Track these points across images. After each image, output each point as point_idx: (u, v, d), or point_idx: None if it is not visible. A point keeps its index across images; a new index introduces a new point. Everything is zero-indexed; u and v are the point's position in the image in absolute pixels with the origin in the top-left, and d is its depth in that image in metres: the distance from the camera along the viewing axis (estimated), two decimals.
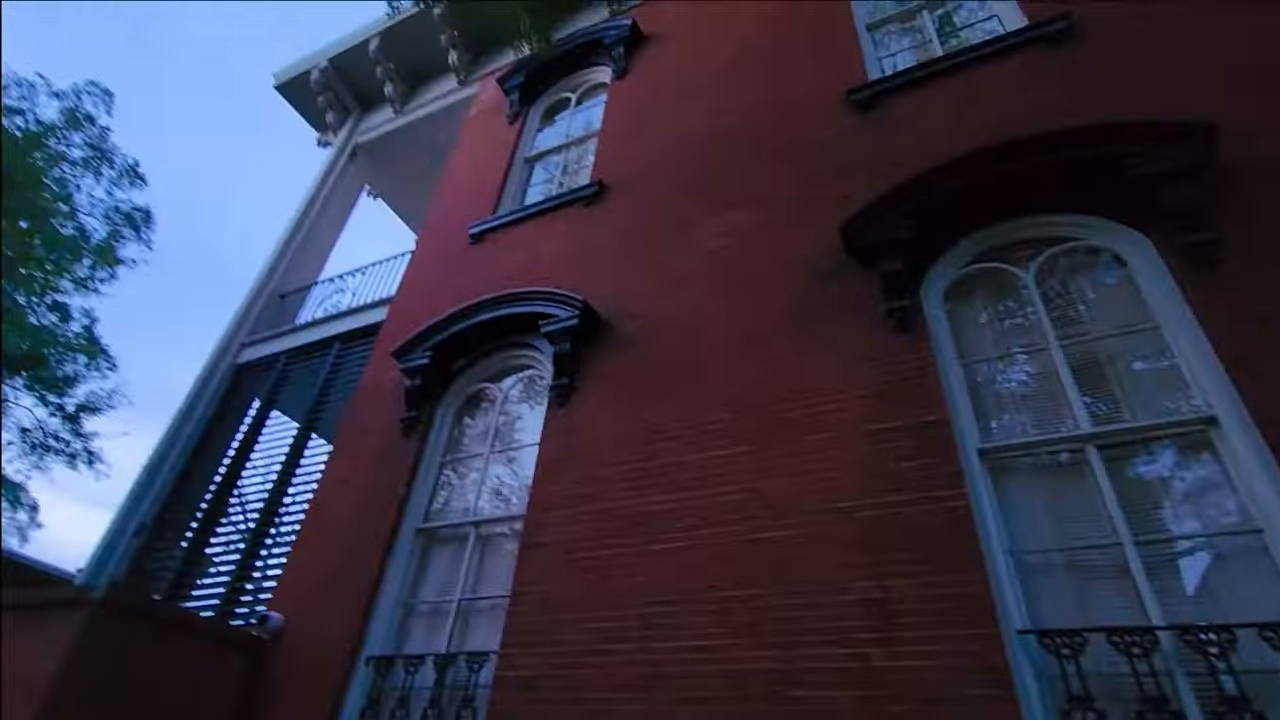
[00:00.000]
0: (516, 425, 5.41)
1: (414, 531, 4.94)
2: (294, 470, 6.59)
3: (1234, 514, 2.93)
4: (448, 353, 5.74)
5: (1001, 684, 2.74)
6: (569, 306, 5.15)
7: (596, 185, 6.38)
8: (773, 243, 4.92)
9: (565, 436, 4.70)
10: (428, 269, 7.14)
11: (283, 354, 7.95)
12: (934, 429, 3.53)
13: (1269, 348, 3.01)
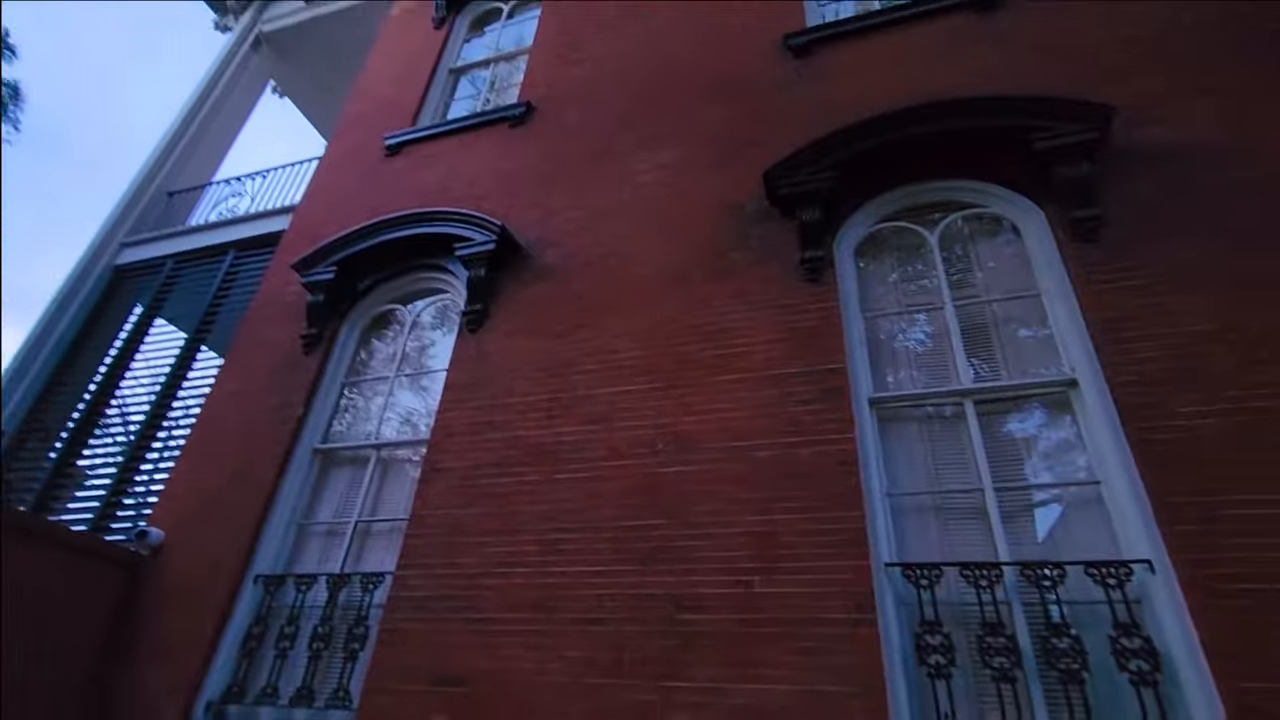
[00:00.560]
0: (425, 350, 5.27)
1: (311, 452, 4.79)
2: (180, 383, 6.19)
3: (1081, 468, 3.27)
4: (355, 269, 5.47)
5: (866, 609, 3.00)
6: (487, 230, 4.98)
7: (524, 106, 6.11)
8: (700, 182, 4.90)
9: (475, 363, 4.63)
10: (337, 178, 6.69)
11: (170, 258, 7.33)
12: (832, 377, 3.70)
13: (1129, 318, 3.30)
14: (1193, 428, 2.94)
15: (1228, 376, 3.00)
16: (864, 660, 2.89)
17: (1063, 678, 2.75)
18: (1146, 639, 2.71)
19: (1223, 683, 2.48)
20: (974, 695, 2.87)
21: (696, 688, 3.02)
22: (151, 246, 7.52)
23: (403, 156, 6.48)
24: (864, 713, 2.79)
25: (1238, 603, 2.56)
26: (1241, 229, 3.36)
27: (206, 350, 6.43)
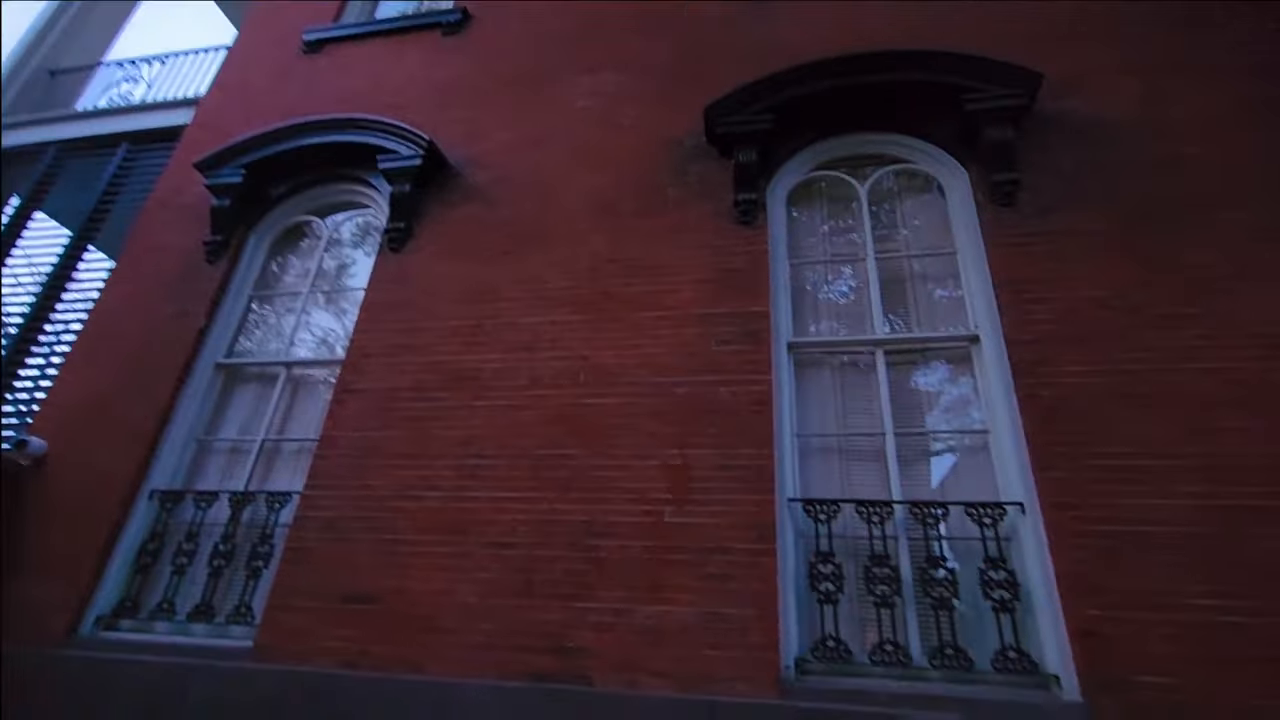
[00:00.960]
0: (344, 268, 5.02)
1: (214, 366, 4.54)
2: (65, 284, 5.68)
3: (974, 418, 3.51)
4: (267, 174, 5.09)
5: (768, 540, 3.17)
6: (413, 144, 4.72)
7: (460, 12, 5.73)
8: (639, 114, 4.78)
9: (396, 284, 4.45)
10: (248, 73, 6.13)
11: (53, 145, 6.60)
12: (755, 320, 3.78)
13: (1031, 281, 3.51)
14: (1074, 385, 3.19)
15: (1110, 341, 3.25)
16: (762, 586, 3.08)
17: (935, 604, 3.01)
18: (1011, 572, 3.00)
19: (1069, 610, 2.79)
20: (857, 619, 3.11)
21: (603, 608, 3.14)
22: (31, 131, 6.74)
23: (324, 56, 5.99)
24: (758, 633, 2.98)
25: (1091, 542, 2.85)
26: (1141, 207, 3.58)
27: (95, 250, 5.89)
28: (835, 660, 2.98)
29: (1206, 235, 3.41)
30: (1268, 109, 3.74)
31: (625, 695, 2.91)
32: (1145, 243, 3.47)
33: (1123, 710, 2.56)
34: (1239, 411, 2.96)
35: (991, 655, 2.88)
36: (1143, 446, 2.99)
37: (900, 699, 2.79)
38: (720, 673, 2.92)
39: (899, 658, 2.94)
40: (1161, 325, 3.22)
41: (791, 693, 2.87)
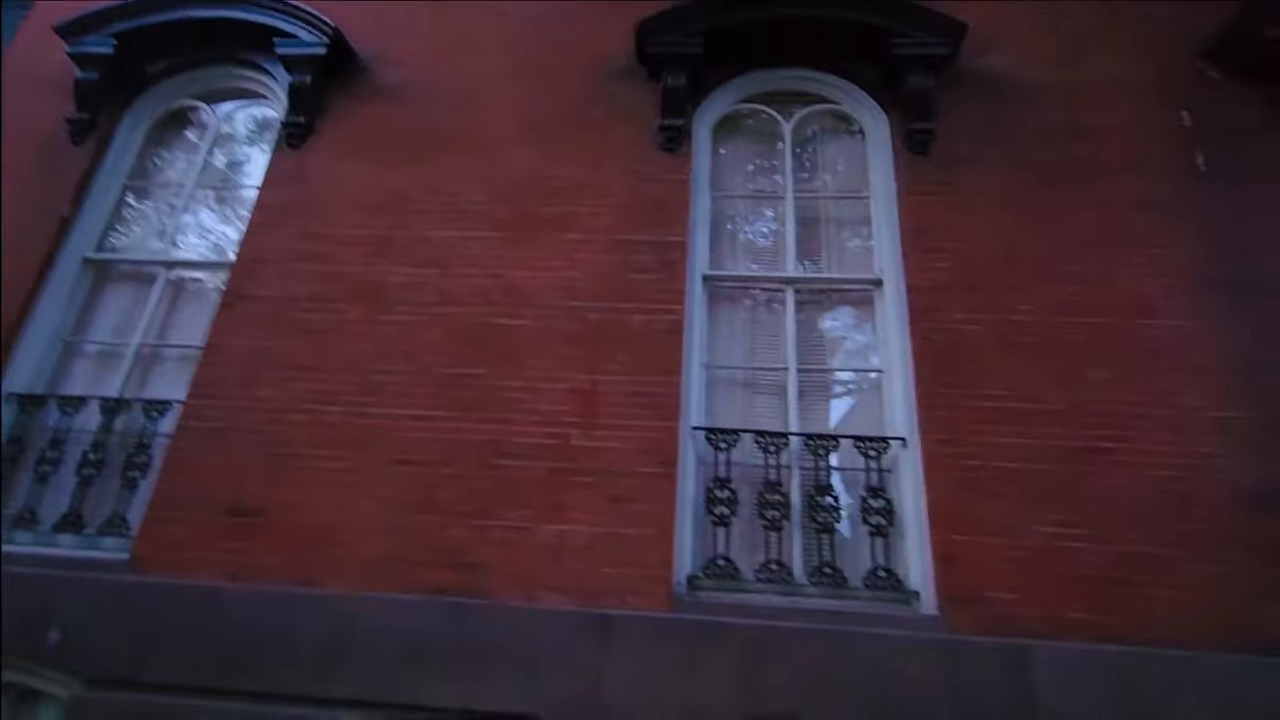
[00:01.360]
0: (235, 163, 4.60)
1: (81, 261, 4.10)
2: None
3: (871, 358, 3.69)
4: (143, 47, 4.52)
5: (669, 465, 3.27)
6: (316, 30, 4.29)
7: None
8: (570, 26, 4.52)
9: (296, 184, 4.13)
10: None
11: None
12: (673, 250, 3.77)
13: (935, 230, 3.66)
14: (963, 332, 3.40)
15: (999, 292, 3.47)
16: (661, 509, 3.19)
17: (819, 529, 3.23)
18: (889, 500, 3.23)
19: (935, 536, 3.06)
20: (747, 541, 3.29)
21: (506, 526, 3.17)
22: None
23: None
24: (655, 552, 3.11)
25: (960, 475, 3.11)
26: (1041, 168, 3.76)
27: None
28: (724, 578, 3.15)
29: (1095, 200, 3.64)
30: (1169, 84, 3.94)
31: (523, 608, 2.99)
32: (1040, 202, 3.66)
33: (970, 620, 2.87)
34: (1099, 364, 3.25)
35: (863, 574, 3.13)
36: (1015, 391, 3.25)
37: (780, 612, 3.00)
38: (616, 588, 3.04)
39: (782, 576, 3.14)
40: (1046, 280, 3.45)
41: (681, 606, 3.03)
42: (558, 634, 2.91)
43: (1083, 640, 2.77)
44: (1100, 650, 2.74)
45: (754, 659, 2.85)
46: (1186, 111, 3.80)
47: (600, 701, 2.81)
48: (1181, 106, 3.82)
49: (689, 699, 2.80)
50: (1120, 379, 3.20)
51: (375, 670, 2.87)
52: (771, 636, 2.90)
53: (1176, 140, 3.75)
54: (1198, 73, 3.91)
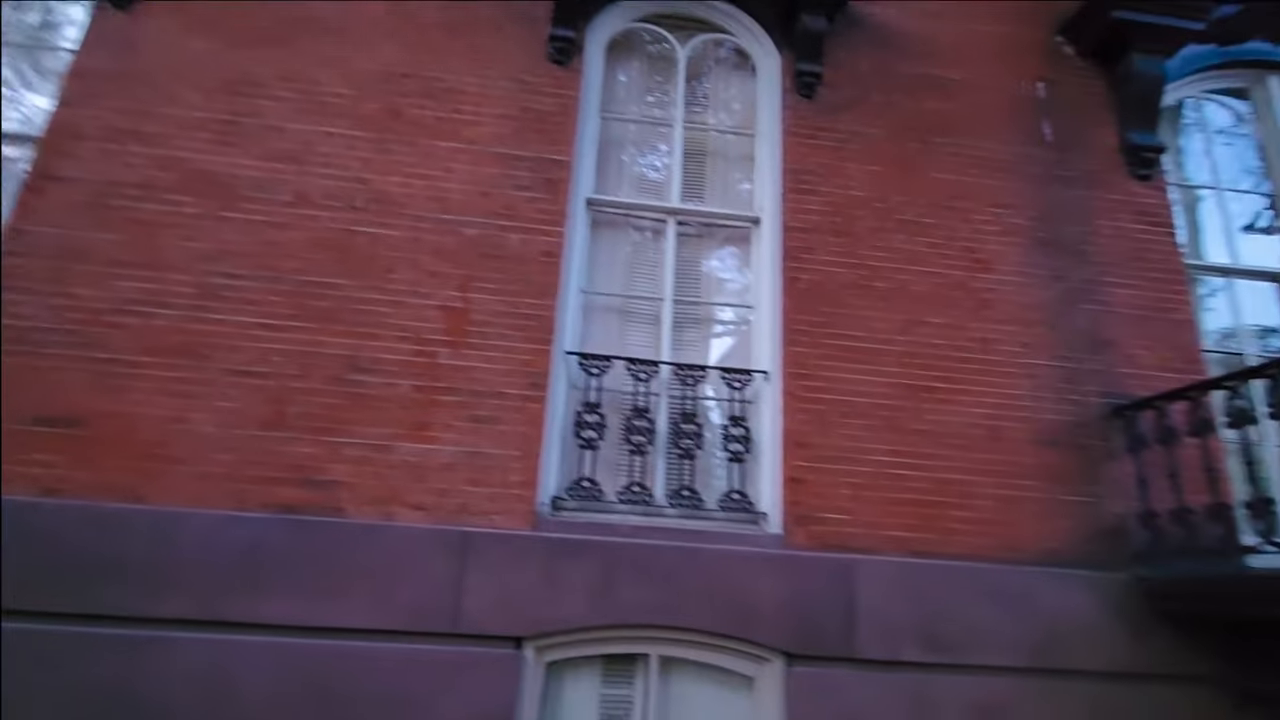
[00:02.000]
0: (51, 24, 3.88)
1: None
2: None
3: (743, 293, 3.81)
4: None
5: (539, 388, 3.26)
6: None
7: None
8: None
9: (122, 51, 3.55)
10: None
11: None
12: (557, 169, 3.64)
13: (812, 173, 3.77)
14: (828, 273, 3.58)
15: (863, 237, 3.66)
16: (528, 430, 3.19)
17: (681, 454, 3.37)
18: (748, 429, 3.43)
19: (786, 461, 3.29)
20: (612, 464, 3.39)
21: (363, 444, 3.06)
22: None
23: None
24: (520, 473, 3.13)
25: (811, 407, 3.34)
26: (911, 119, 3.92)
27: None
28: (588, 499, 3.24)
29: (952, 156, 3.88)
30: (1032, 54, 4.19)
31: (379, 525, 2.93)
32: (906, 153, 3.86)
33: (808, 537, 3.15)
34: (939, 311, 3.55)
35: (719, 497, 3.33)
36: (868, 332, 3.49)
37: (638, 530, 3.14)
38: (478, 507, 3.05)
39: (643, 497, 3.28)
40: (904, 230, 3.69)
41: (544, 525, 3.09)
42: (415, 551, 2.90)
43: (898, 555, 3.13)
44: (910, 563, 3.11)
45: (611, 573, 2.99)
46: (1042, 83, 4.10)
47: (459, 615, 2.85)
48: (1038, 77, 4.11)
49: (547, 610, 2.91)
50: (954, 326, 3.53)
51: (208, 589, 2.74)
52: (629, 552, 3.04)
53: (1030, 108, 4.05)
54: (1055, 47, 4.20)
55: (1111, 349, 3.58)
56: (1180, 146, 4.43)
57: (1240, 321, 4.05)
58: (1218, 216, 4.24)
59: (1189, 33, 3.95)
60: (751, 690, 3.04)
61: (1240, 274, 4.10)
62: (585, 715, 2.98)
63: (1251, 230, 4.24)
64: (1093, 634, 3.04)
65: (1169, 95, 4.18)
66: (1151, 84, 3.94)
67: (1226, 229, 4.20)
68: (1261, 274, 4.11)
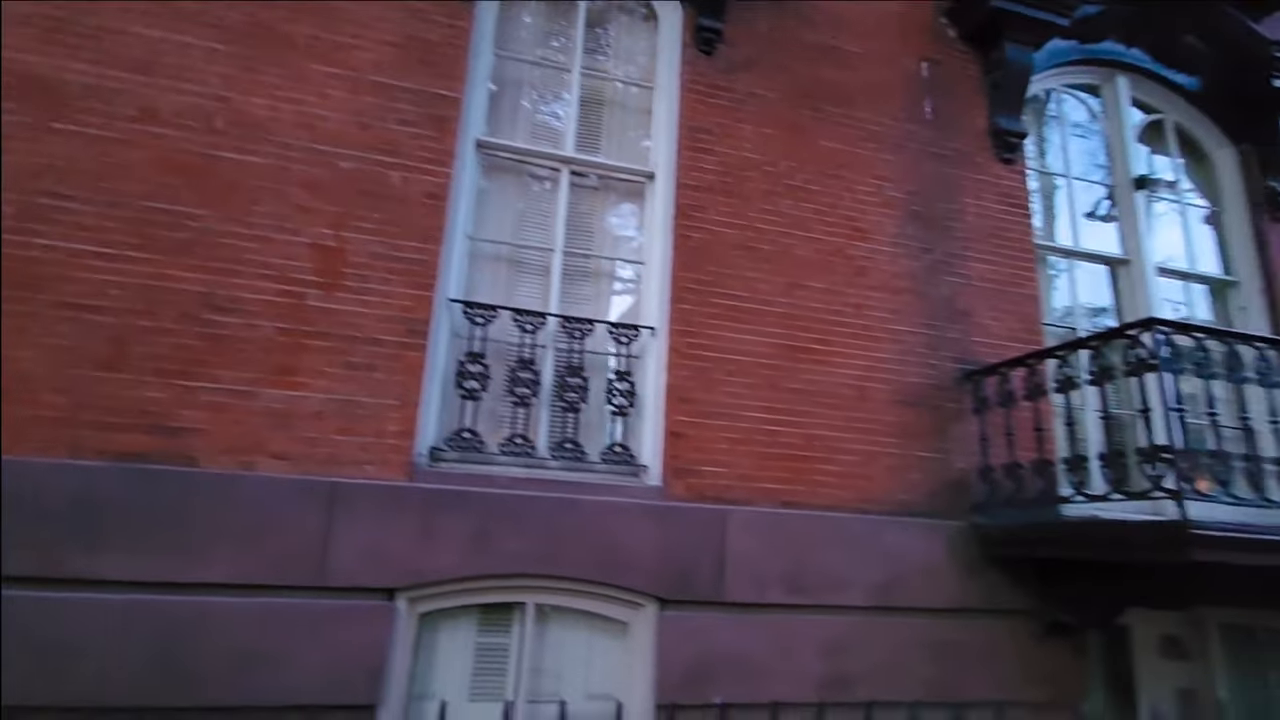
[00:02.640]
0: None
1: None
2: None
3: (635, 248, 3.81)
4: None
5: (419, 335, 3.14)
6: None
7: None
8: None
9: None
10: None
11: None
12: (445, 106, 3.45)
13: (707, 131, 3.78)
14: (717, 233, 3.64)
15: (753, 199, 3.74)
16: (406, 379, 3.08)
17: (566, 407, 3.37)
18: (632, 383, 3.47)
19: (669, 416, 3.37)
20: (495, 415, 3.34)
21: (220, 389, 2.84)
22: None
23: None
24: (396, 422, 3.02)
25: (695, 364, 3.42)
26: (806, 86, 4.00)
27: None
28: (468, 450, 3.19)
29: (840, 125, 4.00)
30: (919, 33, 4.33)
31: (237, 475, 2.75)
32: (798, 118, 3.94)
33: (686, 489, 3.26)
34: (818, 276, 3.71)
35: (602, 450, 3.37)
36: (752, 293, 3.60)
37: (519, 482, 3.14)
38: (350, 457, 2.93)
39: (525, 449, 3.26)
40: (791, 195, 3.79)
41: (421, 476, 3.02)
42: (278, 502, 2.75)
43: (769, 505, 3.31)
44: (779, 513, 3.30)
45: (489, 524, 2.98)
46: (926, 62, 4.29)
47: (326, 567, 2.75)
48: (923, 56, 4.29)
49: (422, 561, 2.87)
50: (832, 291, 3.70)
51: (39, 542, 2.49)
52: (508, 503, 3.03)
53: (915, 86, 4.23)
54: (940, 28, 4.39)
55: (968, 318, 3.89)
56: (1043, 135, 4.80)
57: (1077, 300, 4.52)
58: (1067, 203, 4.66)
59: (1055, 27, 4.24)
60: (626, 635, 3.15)
61: (1080, 256, 4.55)
62: (460, 664, 2.99)
63: (1092, 218, 4.69)
64: (932, 575, 3.37)
65: (1035, 85, 4.49)
66: (1020, 72, 4.22)
67: (1072, 215, 4.62)
68: (1098, 258, 4.58)
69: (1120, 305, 4.52)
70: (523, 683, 2.97)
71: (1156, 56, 4.78)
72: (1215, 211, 4.89)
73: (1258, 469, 2.83)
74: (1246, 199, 4.81)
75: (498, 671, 3.01)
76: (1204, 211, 4.91)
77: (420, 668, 2.92)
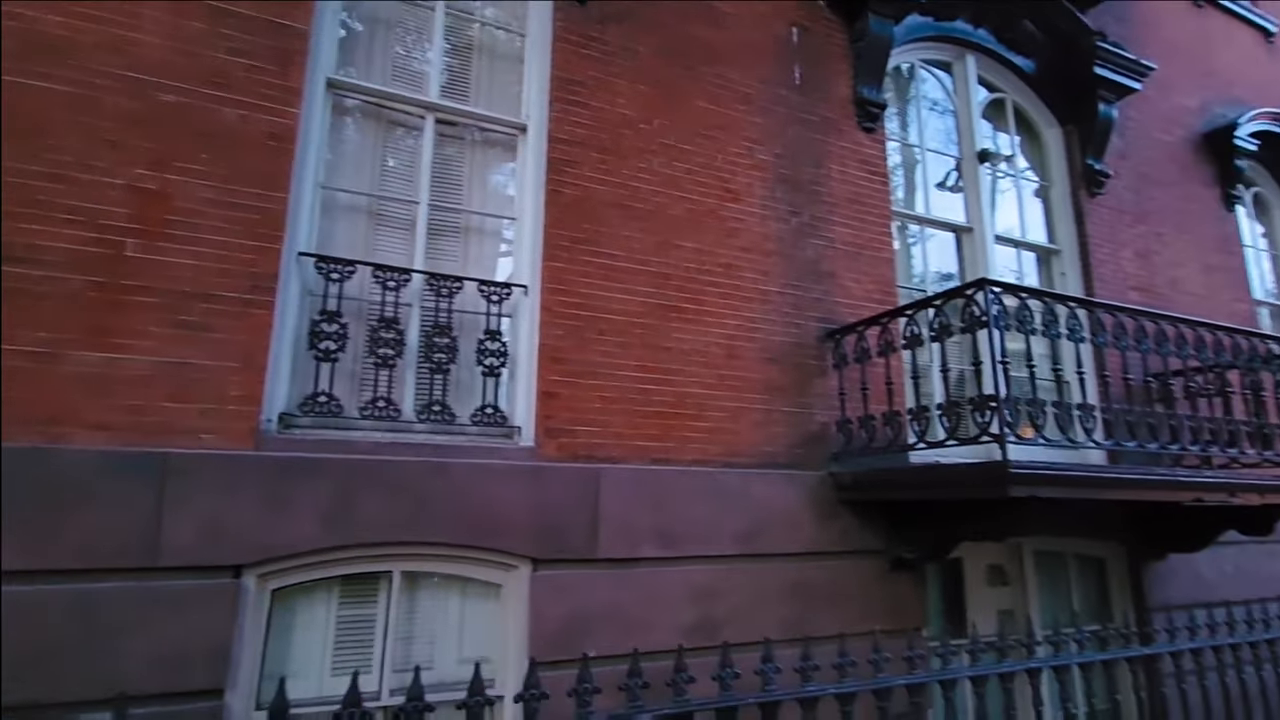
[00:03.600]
0: None
1: None
2: None
3: (506, 203, 3.66)
4: None
5: (265, 292, 2.88)
6: None
7: None
8: None
9: None
10: None
11: None
12: (289, 37, 3.12)
13: (581, 84, 3.67)
14: (590, 189, 3.57)
15: (627, 156, 3.69)
16: (250, 339, 2.82)
17: (434, 368, 3.23)
18: (504, 343, 3.37)
19: (541, 375, 3.31)
20: (356, 377, 3.15)
21: (16, 350, 2.47)
22: None
23: None
24: (239, 387, 2.77)
25: (568, 323, 3.38)
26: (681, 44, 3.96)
27: None
28: (325, 415, 2.98)
29: (714, 86, 4.02)
30: None
31: (42, 449, 2.42)
32: (673, 77, 3.92)
33: (558, 448, 3.24)
34: (692, 236, 3.75)
35: (473, 411, 3.27)
36: (626, 251, 3.58)
37: (383, 447, 2.98)
38: (185, 425, 2.65)
39: (389, 413, 3.10)
40: (665, 153, 3.78)
41: (270, 444, 2.80)
42: (97, 478, 2.46)
43: (641, 462, 3.36)
44: (651, 470, 3.36)
45: (349, 491, 2.82)
46: (796, 28, 4.37)
47: (159, 547, 2.50)
48: (794, 21, 4.38)
49: (273, 535, 2.67)
50: (705, 251, 3.76)
51: None
52: (370, 469, 2.88)
53: (785, 49, 4.31)
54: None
55: (831, 279, 4.08)
56: (906, 108, 5.07)
57: (929, 264, 4.88)
58: (922, 173, 4.98)
59: (914, 3, 4.46)
60: (499, 597, 3.12)
61: (932, 224, 4.90)
62: (320, 639, 2.84)
63: (943, 188, 5.05)
64: (793, 522, 3.58)
65: (897, 58, 4.73)
66: (881, 44, 4.41)
67: (925, 185, 4.95)
68: (947, 225, 4.94)
69: (964, 270, 4.92)
70: (389, 653, 2.88)
71: (1000, 38, 5.15)
72: (1044, 186, 5.41)
73: (1066, 415, 3.20)
74: (1069, 175, 5.35)
75: (364, 644, 2.89)
76: (1035, 186, 5.41)
77: (274, 646, 2.75)
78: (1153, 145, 5.77)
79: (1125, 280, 5.23)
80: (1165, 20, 6.23)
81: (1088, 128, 5.29)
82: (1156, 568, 4.68)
